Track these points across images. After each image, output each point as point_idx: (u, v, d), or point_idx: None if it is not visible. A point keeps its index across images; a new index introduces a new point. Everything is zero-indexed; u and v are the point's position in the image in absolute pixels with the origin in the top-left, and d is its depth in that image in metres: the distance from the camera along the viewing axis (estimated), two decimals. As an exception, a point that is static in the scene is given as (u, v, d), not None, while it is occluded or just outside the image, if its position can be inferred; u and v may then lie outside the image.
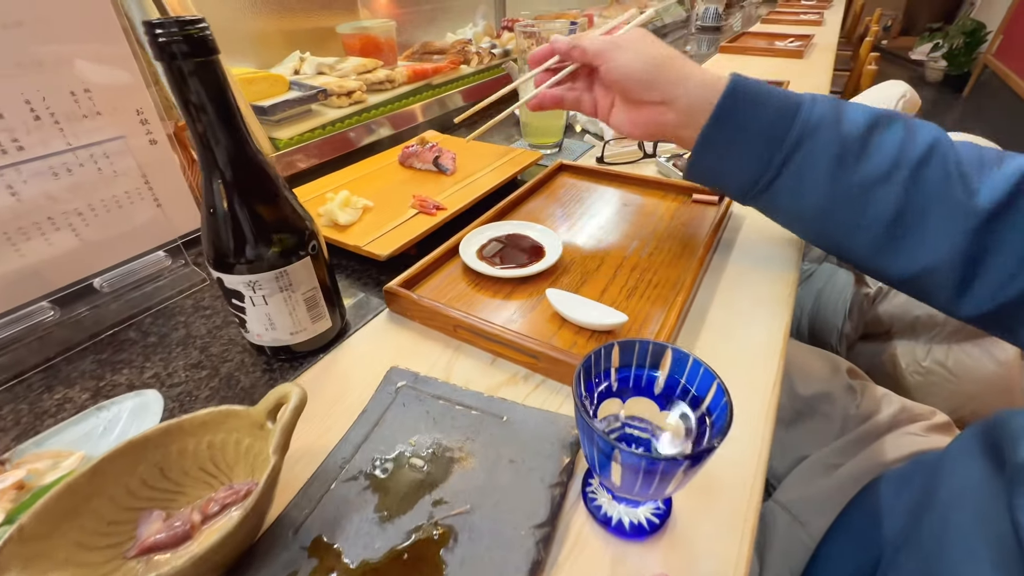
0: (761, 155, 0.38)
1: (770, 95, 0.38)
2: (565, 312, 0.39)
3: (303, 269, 0.35)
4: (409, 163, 0.65)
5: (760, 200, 0.41)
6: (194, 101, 0.29)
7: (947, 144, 0.37)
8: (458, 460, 0.29)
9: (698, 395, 0.24)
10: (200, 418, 0.27)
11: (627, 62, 0.40)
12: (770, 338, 0.39)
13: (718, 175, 0.42)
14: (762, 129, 0.38)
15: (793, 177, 0.38)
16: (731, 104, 0.38)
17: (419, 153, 0.64)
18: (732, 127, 0.38)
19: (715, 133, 0.39)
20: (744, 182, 0.40)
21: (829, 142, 0.37)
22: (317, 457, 0.31)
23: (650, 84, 0.40)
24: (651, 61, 0.40)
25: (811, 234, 0.42)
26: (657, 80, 0.39)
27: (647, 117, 0.41)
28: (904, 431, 0.54)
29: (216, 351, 0.40)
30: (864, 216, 0.37)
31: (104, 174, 0.41)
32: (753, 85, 0.39)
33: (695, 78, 0.39)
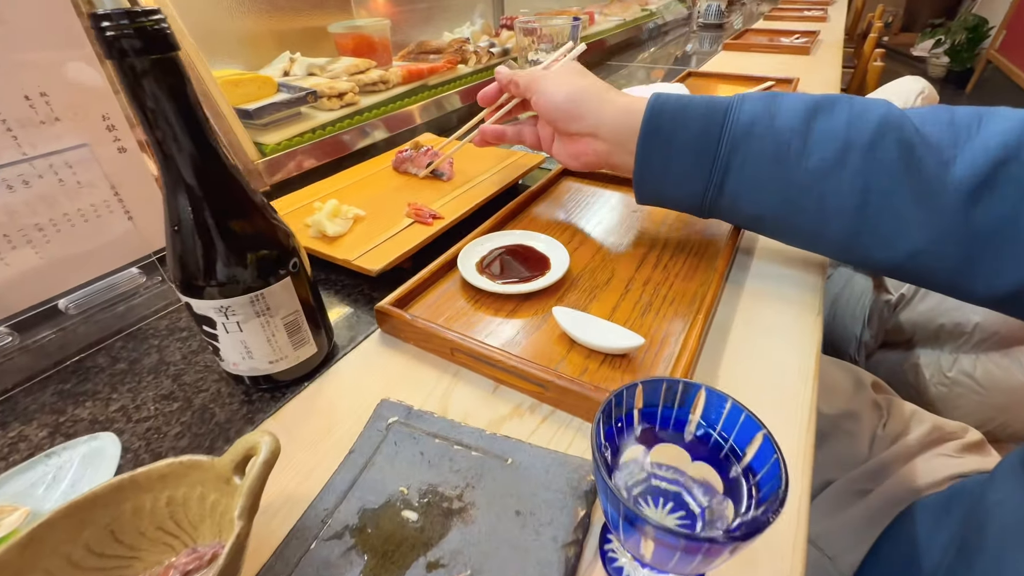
0: (698, 169, 0.37)
1: (694, 106, 0.37)
2: (574, 333, 0.35)
3: (282, 291, 0.32)
4: (403, 169, 0.61)
5: (716, 212, 0.40)
6: (151, 105, 0.25)
7: (899, 116, 0.33)
8: (457, 512, 0.26)
9: (737, 447, 0.21)
10: (158, 471, 0.24)
11: (551, 94, 0.42)
12: (801, 358, 0.36)
13: (665, 196, 0.41)
14: (691, 142, 0.37)
15: (737, 184, 0.36)
16: (655, 124, 0.37)
17: (413, 158, 0.60)
18: (661, 146, 0.38)
19: (646, 155, 0.38)
20: (692, 198, 0.39)
21: (764, 141, 0.35)
22: (297, 506, 0.27)
23: (574, 115, 0.41)
24: (573, 92, 0.41)
25: (780, 235, 0.40)
26: (579, 110, 0.41)
27: (581, 148, 0.43)
28: (936, 452, 0.51)
29: (190, 380, 0.37)
30: (825, 209, 0.34)
31: (67, 185, 0.38)
32: (674, 100, 0.38)
33: (616, 104, 0.40)
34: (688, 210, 0.41)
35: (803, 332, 0.38)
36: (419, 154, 0.59)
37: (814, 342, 0.37)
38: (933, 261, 0.32)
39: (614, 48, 1.45)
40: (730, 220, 0.41)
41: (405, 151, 0.61)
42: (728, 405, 0.21)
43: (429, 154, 0.59)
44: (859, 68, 2.02)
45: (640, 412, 0.23)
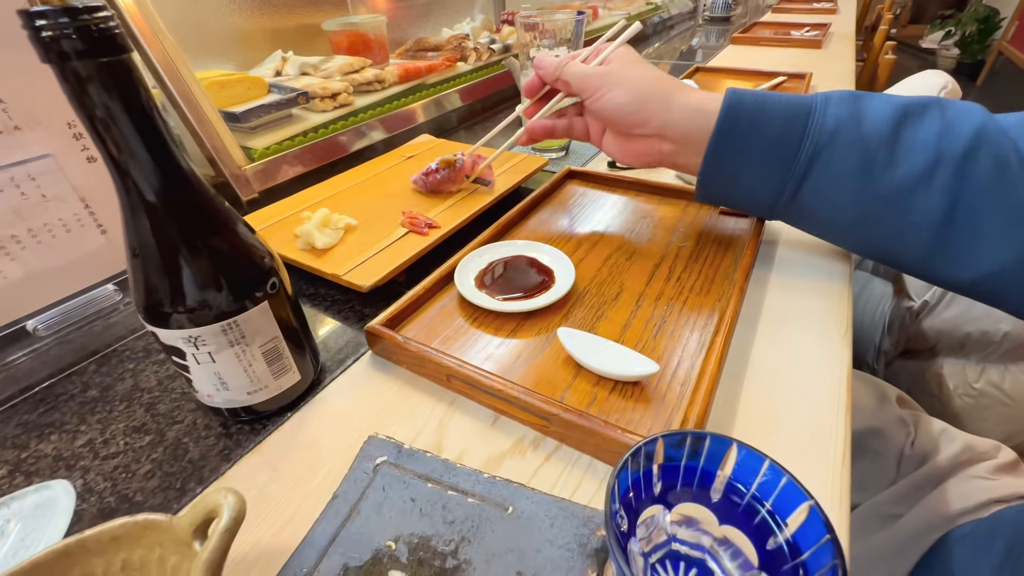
0: (772, 175, 0.35)
1: (773, 106, 0.34)
2: (581, 358, 0.32)
3: (259, 316, 0.29)
4: (439, 189, 0.52)
5: (785, 216, 0.38)
6: (99, 115, 0.22)
7: (996, 130, 0.30)
8: (451, 572, 0.23)
9: (778, 516, 0.17)
10: (110, 532, 0.21)
11: (612, 98, 0.38)
12: (831, 385, 0.33)
13: (731, 198, 0.39)
14: (768, 146, 0.34)
15: (814, 191, 0.34)
16: (731, 124, 0.34)
17: (451, 176, 0.51)
18: (735, 149, 0.35)
19: (718, 158, 0.36)
20: (762, 201, 0.37)
21: (850, 148, 0.32)
22: (274, 561, 0.24)
23: (637, 119, 0.37)
24: (637, 94, 0.37)
25: (851, 245, 0.39)
26: (643, 114, 0.37)
27: (641, 148, 0.39)
28: (969, 473, 0.47)
29: (164, 409, 0.34)
30: (906, 222, 0.32)
31: (30, 199, 0.35)
32: (751, 98, 0.35)
33: (686, 104, 0.36)
34: (753, 211, 0.40)
35: (831, 354, 0.35)
36: (455, 171, 0.51)
37: (843, 367, 0.34)
38: (1009, 282, 0.30)
39: (618, 43, 1.41)
40: (797, 225, 0.39)
41: (436, 171, 0.51)
42: (764, 466, 0.18)
43: (468, 164, 0.52)
44: (869, 62, 1.97)
45: (660, 467, 0.20)
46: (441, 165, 0.51)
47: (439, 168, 0.51)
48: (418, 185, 0.52)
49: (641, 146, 0.39)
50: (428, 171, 0.52)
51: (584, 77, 0.39)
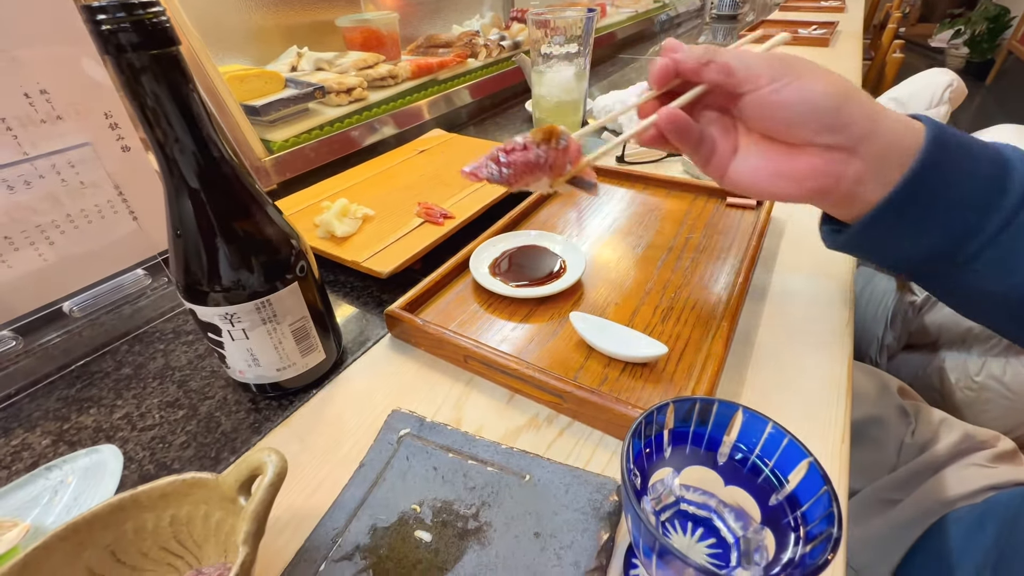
0: (963, 227, 0.27)
1: (977, 147, 0.27)
2: (593, 341, 0.34)
3: (289, 296, 0.30)
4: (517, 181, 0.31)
5: (940, 280, 0.30)
6: (150, 104, 0.24)
7: None
8: (472, 532, 0.24)
9: (779, 474, 0.19)
10: (160, 489, 0.22)
11: (803, 87, 0.26)
12: (832, 368, 0.34)
13: (894, 249, 0.29)
14: (971, 194, 0.27)
15: (1001, 255, 0.27)
16: (937, 155, 0.26)
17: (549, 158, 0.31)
18: (934, 187, 0.27)
19: (913, 194, 0.27)
20: (929, 259, 0.28)
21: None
22: (305, 524, 0.26)
23: (836, 118, 0.26)
24: (838, 87, 0.26)
25: (1002, 322, 0.31)
26: (845, 112, 0.26)
27: (810, 166, 0.27)
28: (968, 461, 0.48)
29: (196, 386, 0.36)
30: None
31: (70, 186, 0.37)
32: (951, 130, 0.27)
33: (892, 115, 0.27)
34: (901, 269, 0.30)
35: (833, 339, 0.36)
36: (557, 151, 0.31)
37: (845, 351, 0.35)
38: None
39: (625, 41, 1.42)
40: (945, 290, 0.31)
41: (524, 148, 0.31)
42: (768, 428, 0.19)
43: (574, 149, 0.32)
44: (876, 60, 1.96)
45: (671, 432, 0.21)
46: (536, 138, 0.31)
47: (529, 144, 0.30)
48: (482, 174, 0.32)
49: (810, 164, 0.27)
50: (511, 147, 0.31)
51: (756, 61, 0.28)
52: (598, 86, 1.05)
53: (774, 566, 0.17)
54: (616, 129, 0.76)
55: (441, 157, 0.64)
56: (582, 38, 0.65)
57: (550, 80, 0.68)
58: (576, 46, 0.66)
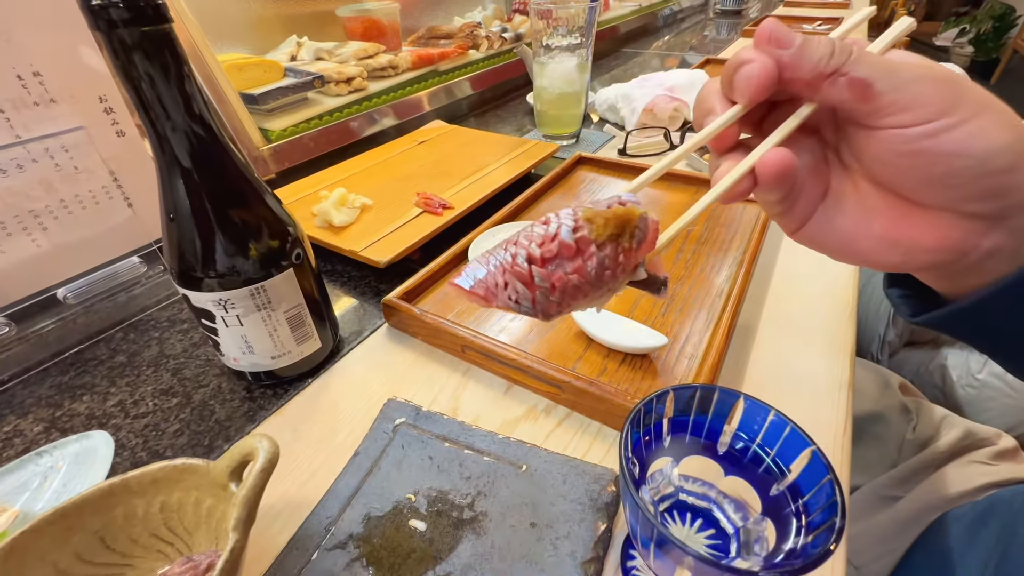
0: None
1: None
2: (592, 331, 0.33)
3: (285, 283, 0.30)
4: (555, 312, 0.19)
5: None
6: (143, 83, 0.23)
7: None
8: (468, 522, 0.24)
9: (781, 463, 0.19)
10: (151, 475, 0.22)
11: (980, 132, 0.17)
12: (834, 363, 0.33)
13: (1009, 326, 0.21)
14: None
15: None
16: None
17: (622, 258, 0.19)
18: None
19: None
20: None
21: None
22: (298, 512, 0.26)
23: (1003, 183, 0.17)
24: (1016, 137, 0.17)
25: None
26: (1015, 176, 0.17)
27: (938, 238, 0.19)
28: (969, 459, 0.48)
29: (190, 374, 0.35)
30: None
31: (63, 170, 0.36)
32: None
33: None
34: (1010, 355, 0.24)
35: (836, 334, 0.36)
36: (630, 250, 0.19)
37: (847, 345, 0.35)
38: None
39: (628, 35, 1.41)
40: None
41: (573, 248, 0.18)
42: (770, 416, 0.19)
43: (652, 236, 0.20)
44: (882, 57, 1.95)
45: (670, 421, 0.21)
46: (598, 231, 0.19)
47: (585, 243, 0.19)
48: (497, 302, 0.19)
49: (940, 234, 0.19)
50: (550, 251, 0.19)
51: (913, 80, 0.17)
52: (600, 80, 1.04)
53: (775, 556, 0.17)
54: (618, 123, 0.75)
55: (441, 148, 0.64)
56: (584, 29, 0.64)
57: (552, 72, 0.67)
58: (578, 37, 0.65)
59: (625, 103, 0.73)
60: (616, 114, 0.76)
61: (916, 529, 0.43)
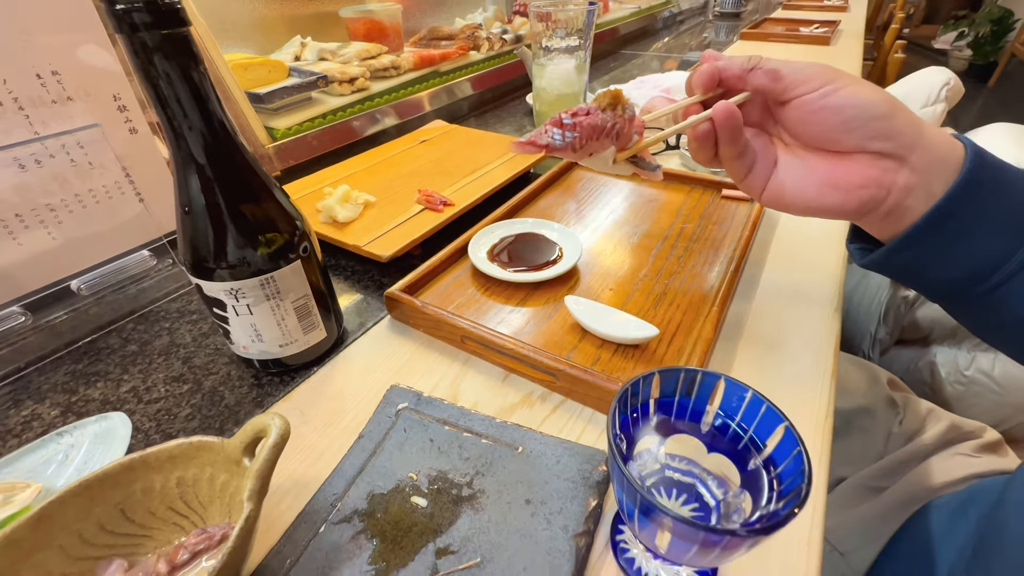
0: (1004, 245, 0.27)
1: (1014, 168, 0.27)
2: (586, 323, 0.35)
3: (292, 274, 0.31)
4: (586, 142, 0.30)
5: (976, 303, 0.29)
6: (161, 83, 0.25)
7: None
8: (467, 499, 0.25)
9: (758, 439, 0.20)
10: (168, 451, 0.24)
11: (855, 92, 0.26)
12: (818, 355, 0.35)
13: (933, 267, 0.28)
14: (1012, 211, 0.26)
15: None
16: (980, 173, 0.26)
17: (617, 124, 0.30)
18: (975, 203, 0.26)
19: (955, 209, 0.26)
20: (964, 277, 0.28)
21: None
22: (306, 490, 0.27)
23: (887, 125, 0.26)
24: (885, 96, 0.26)
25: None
26: (894, 122, 0.26)
27: (861, 176, 0.27)
28: (953, 451, 0.49)
29: (200, 362, 0.37)
30: None
31: (79, 166, 0.37)
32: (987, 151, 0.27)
33: (931, 129, 0.27)
34: (941, 290, 0.29)
35: (820, 328, 0.37)
36: (623, 119, 0.31)
37: (832, 338, 0.36)
38: None
39: (628, 37, 1.42)
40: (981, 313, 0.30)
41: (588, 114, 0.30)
42: (748, 396, 0.20)
43: (639, 122, 0.32)
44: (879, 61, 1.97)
45: (656, 402, 0.22)
46: (602, 103, 0.30)
47: (594, 109, 0.30)
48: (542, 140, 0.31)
49: (861, 173, 0.27)
50: (576, 111, 0.30)
51: (803, 67, 0.28)
52: (600, 81, 1.06)
53: (753, 524, 0.18)
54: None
55: (442, 147, 0.65)
56: (583, 31, 0.66)
57: (551, 73, 0.69)
58: (577, 39, 0.66)
59: (622, 104, 0.74)
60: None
61: (900, 517, 0.44)
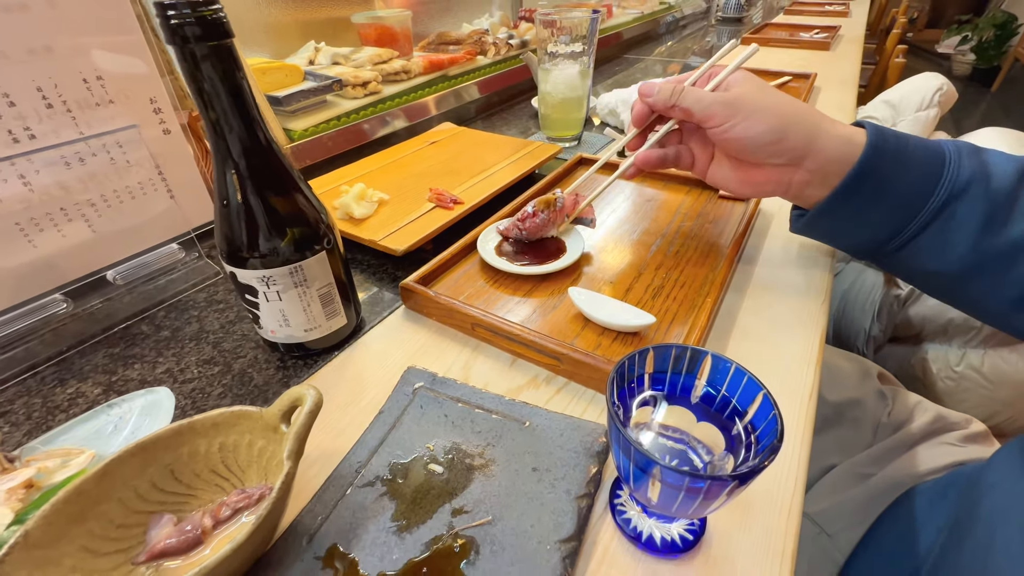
0: (900, 218, 0.34)
1: (914, 150, 0.34)
2: (589, 312, 0.37)
3: (318, 264, 0.34)
4: (536, 234, 0.45)
5: (886, 261, 0.37)
6: (207, 87, 0.27)
7: None
8: (478, 467, 0.28)
9: (740, 407, 0.23)
10: (212, 419, 0.26)
11: (748, 128, 0.35)
12: (806, 344, 0.37)
13: (842, 235, 0.37)
14: (905, 190, 0.33)
15: (933, 240, 0.33)
16: (874, 162, 0.33)
17: (552, 218, 0.45)
18: (871, 189, 0.33)
19: (850, 195, 0.34)
20: (873, 243, 0.36)
21: (977, 202, 0.32)
22: (332, 460, 0.30)
23: (778, 148, 0.35)
24: (777, 122, 0.34)
25: (939, 293, 0.38)
26: (786, 142, 0.34)
27: (765, 178, 0.37)
28: (939, 440, 0.52)
29: (229, 347, 0.39)
30: (1007, 277, 0.32)
31: (117, 164, 0.40)
32: (893, 137, 0.34)
33: (833, 132, 0.34)
34: (854, 253, 0.38)
35: (809, 319, 0.40)
36: (556, 211, 0.45)
37: (819, 329, 0.39)
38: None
39: (631, 41, 1.45)
40: (893, 270, 0.38)
41: (534, 215, 0.44)
42: (732, 368, 0.23)
43: (570, 204, 0.46)
44: (880, 65, 1.99)
45: (650, 377, 0.25)
46: (539, 206, 0.44)
47: (537, 211, 0.44)
48: (510, 232, 0.45)
49: (765, 176, 0.36)
50: (524, 216, 0.44)
51: (711, 104, 0.35)
52: (603, 85, 1.09)
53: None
54: (619, 126, 0.80)
55: (451, 148, 0.68)
56: (587, 38, 0.69)
57: (556, 78, 0.71)
58: (581, 45, 0.69)
59: (625, 108, 0.77)
60: (616, 118, 0.80)
61: (885, 501, 0.46)
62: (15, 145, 0.35)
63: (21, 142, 0.35)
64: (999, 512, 0.35)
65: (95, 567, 0.22)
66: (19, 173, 0.35)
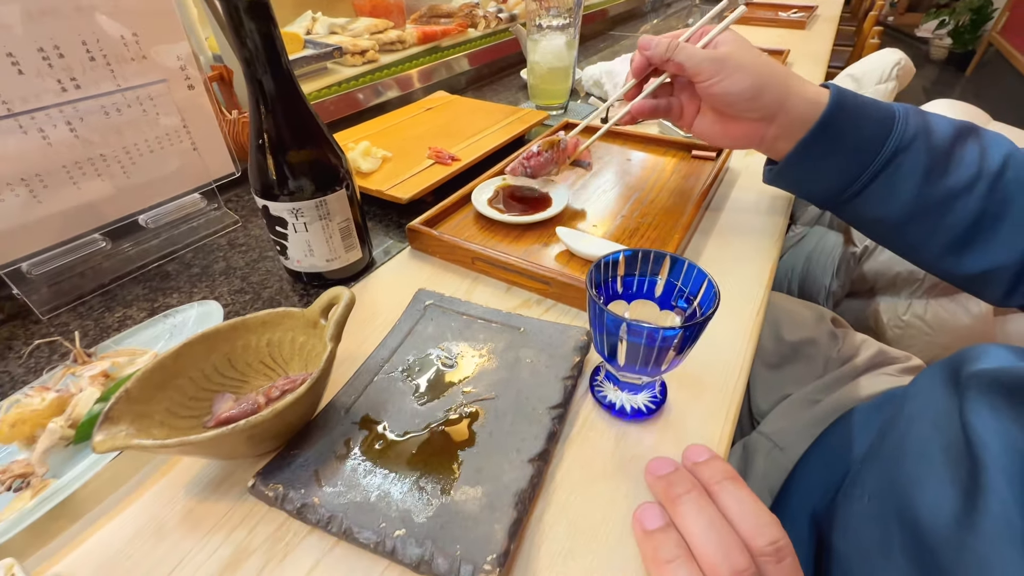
0: (855, 167, 0.39)
1: (869, 108, 0.39)
2: (573, 246, 0.43)
3: (338, 201, 0.39)
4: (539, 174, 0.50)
5: (843, 208, 0.42)
6: (248, 39, 0.32)
7: (1020, 156, 0.38)
8: (482, 361, 0.34)
9: (692, 294, 0.29)
10: (260, 318, 0.32)
11: (733, 83, 0.39)
12: (759, 269, 0.44)
13: (806, 184, 0.42)
14: (861, 142, 0.38)
15: (883, 188, 0.39)
16: (835, 118, 0.38)
17: (554, 158, 0.50)
18: (831, 140, 0.39)
19: (814, 145, 0.39)
20: (832, 191, 0.41)
21: (920, 155, 0.37)
22: (358, 360, 0.35)
23: (756, 104, 0.39)
24: (758, 80, 0.39)
25: (885, 239, 0.44)
26: (762, 99, 0.39)
27: (742, 131, 0.42)
28: (880, 372, 0.59)
29: (256, 280, 0.44)
30: (941, 224, 0.38)
31: (148, 116, 0.44)
32: (852, 97, 0.39)
33: (801, 94, 0.39)
34: (819, 199, 0.42)
35: (763, 252, 0.46)
36: (559, 151, 0.50)
37: (770, 259, 0.45)
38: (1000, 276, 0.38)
39: (616, 18, 1.49)
40: (846, 217, 0.43)
41: (539, 154, 0.49)
42: (685, 265, 0.28)
43: (571, 146, 0.51)
44: (857, 46, 2.06)
45: (622, 280, 0.30)
46: (544, 146, 0.49)
47: (542, 150, 0.49)
48: (516, 171, 0.50)
49: (743, 129, 0.41)
50: (530, 154, 0.50)
51: (701, 60, 0.40)
52: (589, 60, 1.13)
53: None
54: (602, 96, 0.85)
55: (446, 114, 0.72)
56: (572, 11, 0.73)
57: (543, 48, 0.76)
58: (567, 18, 0.74)
59: (608, 78, 0.82)
60: (600, 88, 0.85)
61: (830, 419, 0.54)
62: (64, 94, 0.39)
63: (68, 91, 0.39)
64: (916, 413, 0.42)
65: (176, 425, 0.28)
66: (66, 119, 0.39)
